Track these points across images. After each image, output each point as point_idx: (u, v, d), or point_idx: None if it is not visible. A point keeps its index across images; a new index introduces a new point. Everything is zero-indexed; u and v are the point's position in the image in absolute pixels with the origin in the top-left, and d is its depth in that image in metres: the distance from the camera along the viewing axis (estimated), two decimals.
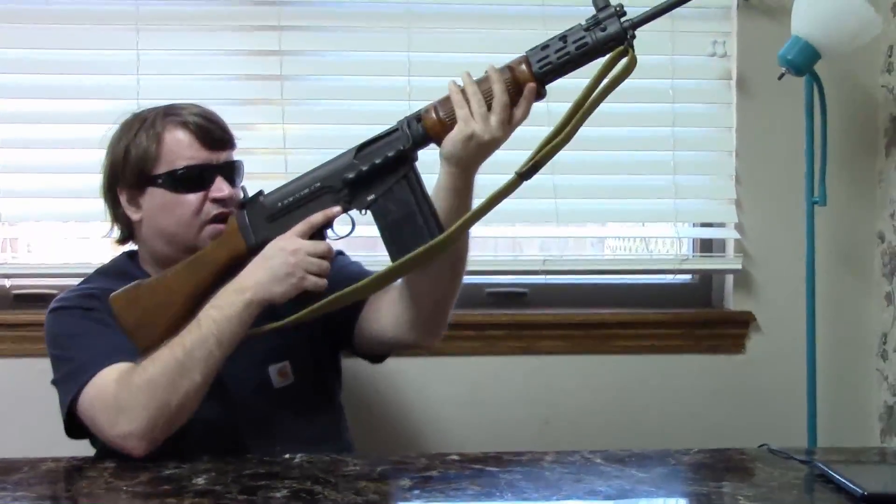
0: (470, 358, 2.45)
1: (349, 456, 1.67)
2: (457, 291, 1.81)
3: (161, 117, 1.81)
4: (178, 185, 1.77)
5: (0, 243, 2.43)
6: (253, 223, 1.71)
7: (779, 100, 2.45)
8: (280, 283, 1.64)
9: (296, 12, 2.44)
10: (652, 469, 1.59)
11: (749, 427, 2.44)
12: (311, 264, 1.64)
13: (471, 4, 2.48)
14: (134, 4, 2.38)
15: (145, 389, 1.60)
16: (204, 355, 1.62)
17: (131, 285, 1.72)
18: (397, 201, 1.66)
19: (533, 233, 2.60)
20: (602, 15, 1.57)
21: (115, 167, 1.84)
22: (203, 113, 1.83)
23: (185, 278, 1.71)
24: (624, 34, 1.57)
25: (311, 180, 1.69)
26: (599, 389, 2.50)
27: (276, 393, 1.82)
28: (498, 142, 1.61)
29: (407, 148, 1.65)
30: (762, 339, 2.53)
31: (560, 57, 1.59)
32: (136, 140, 1.80)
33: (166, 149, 1.78)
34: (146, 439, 1.60)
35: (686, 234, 2.62)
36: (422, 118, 1.65)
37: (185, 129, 1.79)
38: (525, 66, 1.60)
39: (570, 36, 1.59)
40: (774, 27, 2.43)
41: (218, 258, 1.72)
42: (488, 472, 1.57)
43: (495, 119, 1.59)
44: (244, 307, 1.64)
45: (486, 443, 2.27)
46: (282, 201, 1.70)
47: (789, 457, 1.64)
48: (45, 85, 2.41)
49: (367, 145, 1.67)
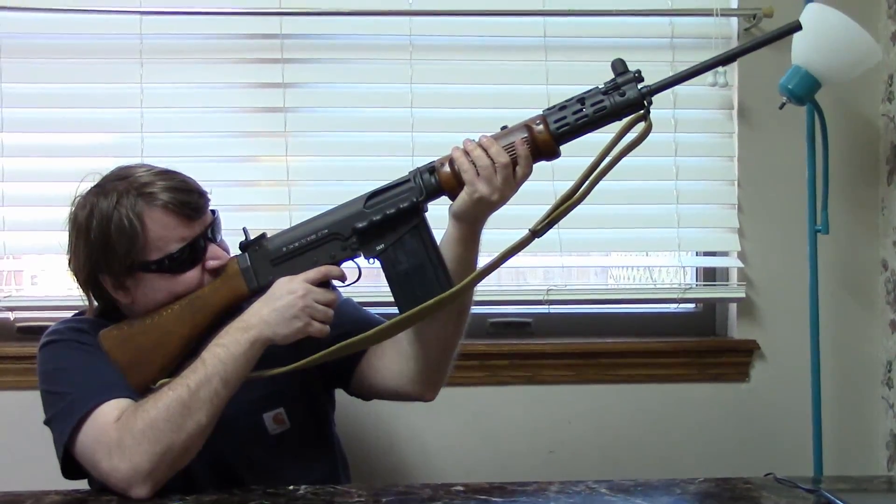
0: (474, 388, 2.44)
1: (353, 487, 1.66)
2: (458, 343, 1.81)
3: (134, 198, 1.70)
4: (176, 267, 1.71)
5: (4, 276, 2.43)
6: (255, 266, 1.71)
7: (780, 129, 2.46)
8: (286, 325, 1.63)
9: (299, 45, 2.46)
10: (657, 499, 1.59)
11: (754, 456, 2.44)
12: (318, 311, 1.64)
13: (473, 36, 2.49)
14: (138, 38, 2.39)
15: (149, 432, 1.56)
16: (209, 395, 1.59)
17: (123, 323, 1.70)
18: (407, 252, 1.67)
19: (536, 262, 2.59)
20: (621, 80, 1.60)
21: (93, 255, 1.73)
22: (174, 185, 1.73)
23: (183, 319, 1.69)
24: (642, 100, 1.59)
25: (319, 226, 1.69)
26: (604, 419, 2.50)
27: (273, 439, 1.80)
28: (505, 199, 1.64)
29: (420, 200, 1.66)
30: (766, 367, 2.53)
31: (578, 119, 1.61)
32: (114, 227, 1.70)
33: (153, 235, 1.69)
34: (150, 483, 1.57)
35: (689, 262, 2.62)
36: (436, 171, 1.65)
37: (166, 210, 1.70)
38: (543, 126, 1.62)
39: (588, 98, 1.61)
40: (775, 57, 2.43)
41: (217, 301, 1.71)
42: (493, 502, 1.57)
43: (500, 180, 1.61)
44: (249, 346, 1.62)
45: (490, 473, 2.27)
46: (286, 245, 1.70)
47: (795, 486, 1.64)
48: (50, 118, 2.42)
49: (378, 194, 1.68)
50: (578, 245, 2.53)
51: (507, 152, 1.61)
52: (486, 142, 1.63)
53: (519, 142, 1.61)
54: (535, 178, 1.67)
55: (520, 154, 1.61)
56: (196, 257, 1.73)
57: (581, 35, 2.51)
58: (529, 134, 1.62)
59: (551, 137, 1.61)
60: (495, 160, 1.61)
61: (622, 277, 2.97)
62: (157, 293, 1.73)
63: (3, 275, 2.43)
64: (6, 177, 2.39)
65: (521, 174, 1.63)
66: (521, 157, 1.62)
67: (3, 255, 2.41)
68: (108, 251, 1.70)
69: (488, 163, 1.61)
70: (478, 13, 2.47)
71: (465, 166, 1.62)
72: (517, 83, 2.49)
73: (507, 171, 1.61)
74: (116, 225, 1.70)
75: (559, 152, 1.64)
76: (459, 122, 2.45)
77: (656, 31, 2.52)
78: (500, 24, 2.49)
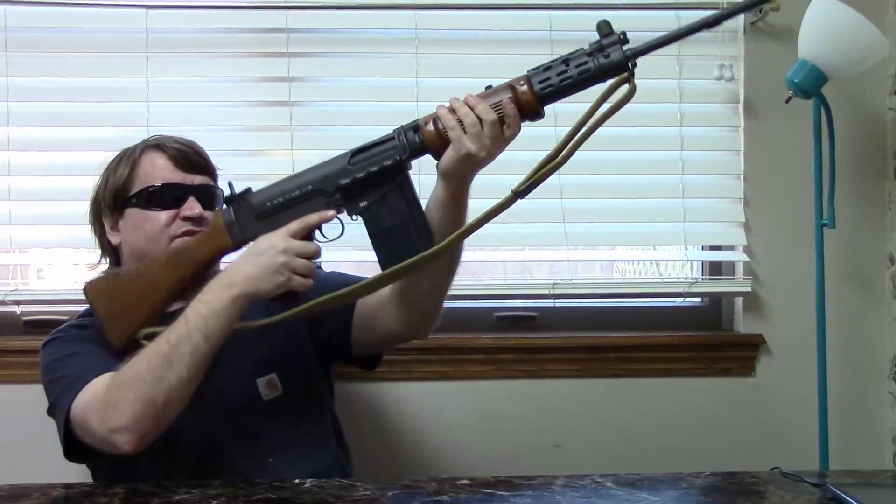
0: (480, 382, 2.45)
1: (359, 481, 1.66)
2: (451, 283, 1.84)
3: (141, 145, 1.90)
4: (151, 202, 1.82)
5: (10, 270, 2.44)
6: (240, 220, 1.72)
7: (786, 123, 2.45)
8: (268, 279, 1.64)
9: (304, 38, 2.45)
10: (663, 493, 1.59)
11: (760, 450, 2.44)
12: (300, 264, 1.65)
13: (479, 29, 2.49)
14: (143, 32, 2.40)
15: (132, 384, 1.60)
16: (190, 349, 1.61)
17: (110, 273, 1.76)
18: (390, 209, 1.67)
19: (542, 257, 2.60)
20: (606, 41, 1.60)
21: (97, 196, 1.91)
22: (182, 140, 1.90)
23: (169, 272, 1.73)
24: (626, 62, 1.59)
25: (303, 182, 1.70)
26: (610, 413, 2.50)
27: (266, 405, 1.84)
28: (492, 157, 1.64)
29: (403, 158, 1.66)
30: (772, 361, 2.53)
31: (562, 80, 1.61)
32: (117, 168, 1.88)
33: (142, 171, 1.85)
34: (134, 434, 1.59)
35: (695, 257, 2.62)
36: (420, 129, 1.66)
37: (161, 152, 1.86)
38: (527, 86, 1.62)
39: (573, 60, 1.61)
40: (781, 51, 2.44)
41: (202, 254, 1.74)
42: (499, 496, 1.57)
43: (488, 137, 1.61)
44: (231, 301, 1.63)
45: (496, 467, 2.27)
46: (271, 201, 1.71)
47: (801, 480, 1.64)
48: (56, 112, 2.42)
49: (362, 151, 1.69)
50: (584, 239, 2.53)
51: (495, 111, 1.61)
52: (472, 100, 1.64)
53: (506, 101, 1.61)
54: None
55: (507, 112, 1.62)
56: (173, 200, 1.82)
57: (587, 29, 2.47)
58: (513, 94, 1.62)
59: (535, 98, 1.62)
60: (482, 118, 1.61)
61: (628, 271, 2.98)
62: (133, 231, 1.83)
63: (10, 268, 2.44)
64: (13, 171, 2.39)
65: (510, 133, 1.63)
66: (510, 116, 1.62)
67: (10, 248, 2.42)
68: (107, 185, 1.88)
69: (475, 119, 1.61)
70: (483, 7, 2.47)
71: (452, 123, 1.63)
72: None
73: (496, 129, 1.61)
74: (119, 161, 1.89)
75: (543, 113, 1.64)
76: None
77: (662, 24, 2.51)
78: (506, 18, 2.49)
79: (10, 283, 2.42)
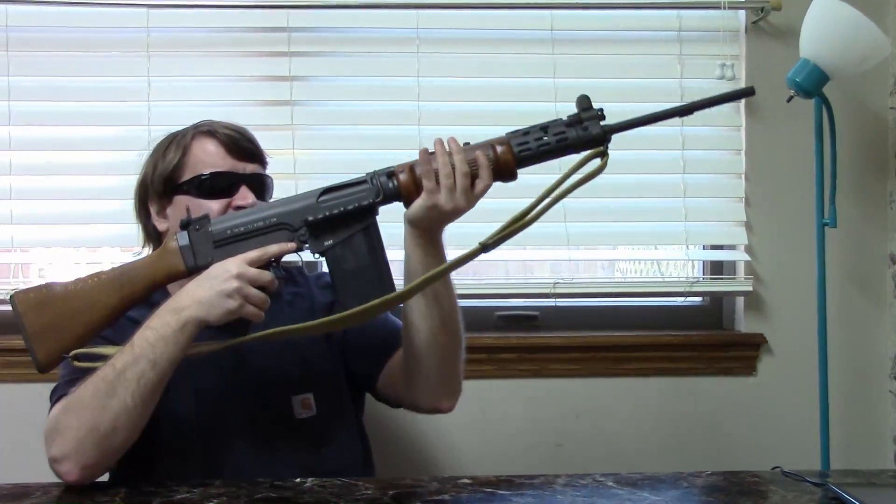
0: (481, 381, 2.44)
1: (361, 480, 1.66)
2: (459, 349, 1.79)
3: (191, 130, 1.85)
4: (202, 190, 1.78)
5: (12, 269, 2.44)
6: (195, 246, 1.65)
7: (788, 122, 2.45)
8: (218, 304, 1.57)
9: (306, 38, 2.46)
10: (664, 492, 1.58)
11: (761, 449, 2.44)
12: (253, 293, 1.58)
13: (480, 29, 2.49)
14: (145, 31, 2.40)
15: (76, 410, 1.57)
16: (136, 376, 1.55)
17: (42, 285, 1.64)
18: (354, 251, 1.65)
19: (544, 256, 2.60)
20: (585, 115, 1.62)
21: (145, 181, 1.86)
22: (233, 126, 1.86)
23: (110, 290, 1.63)
24: (603, 136, 1.62)
25: (268, 215, 1.65)
26: (611, 412, 2.50)
27: (296, 423, 1.80)
28: (460, 212, 1.62)
29: (375, 201, 1.64)
30: (774, 360, 2.53)
31: (540, 146, 1.62)
32: (166, 153, 1.83)
33: (193, 158, 1.81)
34: (76, 463, 1.56)
35: (696, 256, 2.62)
36: (395, 175, 1.64)
37: (213, 139, 1.82)
38: (506, 147, 1.62)
39: (552, 128, 1.63)
40: (783, 50, 2.44)
41: (149, 274, 1.65)
42: (500, 495, 1.57)
43: (459, 190, 1.60)
44: (180, 327, 1.57)
45: (497, 466, 2.26)
46: (232, 229, 1.65)
47: (802, 479, 1.63)
48: (57, 111, 2.42)
49: (332, 190, 1.65)
50: (586, 238, 2.53)
51: (469, 165, 1.61)
52: (453, 146, 1.62)
53: (481, 155, 1.61)
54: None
55: (481, 165, 1.60)
56: (225, 189, 1.78)
57: (588, 28, 2.51)
58: (493, 152, 1.62)
59: (513, 159, 1.62)
60: (456, 167, 1.60)
61: (629, 271, 2.97)
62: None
63: (11, 267, 2.44)
64: (14, 170, 2.39)
65: (481, 188, 1.62)
66: (483, 169, 1.60)
67: (11, 247, 2.42)
68: (156, 170, 1.83)
69: (450, 171, 1.60)
70: (485, 6, 2.48)
71: (428, 174, 1.60)
72: (524, 76, 2.49)
73: (466, 182, 1.60)
74: (168, 146, 1.84)
75: (517, 175, 1.64)
76: (466, 115, 2.46)
77: (664, 23, 2.52)
78: (507, 17, 2.49)
79: (12, 283, 2.42)
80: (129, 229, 2.40)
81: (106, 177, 2.44)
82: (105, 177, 2.44)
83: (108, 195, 2.43)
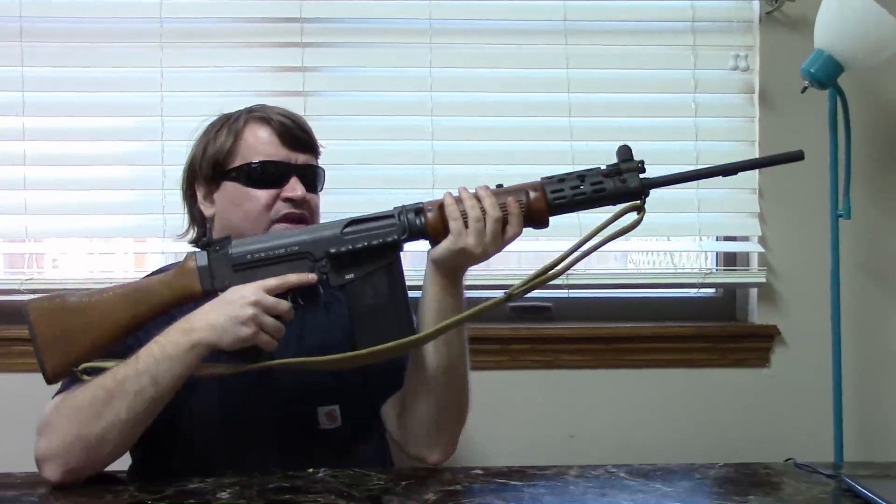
0: (494, 372, 2.44)
1: (373, 470, 1.66)
2: (460, 398, 1.75)
3: (244, 114, 1.82)
4: (251, 179, 1.75)
5: (26, 259, 2.45)
6: (214, 267, 1.61)
7: (802, 113, 2.44)
8: (231, 331, 1.53)
9: (318, 29, 2.46)
10: (677, 483, 1.58)
11: (774, 441, 2.43)
12: (269, 322, 1.55)
13: (493, 20, 2.49)
14: (158, 22, 2.41)
15: (68, 414, 1.55)
16: (135, 389, 1.52)
17: (56, 295, 1.61)
18: (375, 288, 1.61)
19: (556, 247, 2.58)
20: (624, 166, 1.58)
21: (193, 162, 1.83)
22: (288, 114, 1.82)
23: (123, 307, 1.60)
24: (642, 190, 1.58)
25: (290, 242, 1.61)
26: (623, 403, 2.50)
27: (320, 433, 1.76)
28: (488, 256, 1.59)
29: (401, 238, 1.60)
30: (787, 352, 2.52)
31: (575, 195, 1.59)
32: (217, 136, 1.80)
33: (244, 144, 1.78)
34: (60, 465, 1.54)
35: (710, 247, 2.61)
36: (423, 212, 1.60)
37: (267, 126, 1.79)
38: (540, 194, 1.59)
39: (589, 177, 1.59)
40: (797, 41, 2.43)
41: (164, 292, 1.61)
42: (512, 486, 1.57)
43: (488, 235, 1.57)
44: (189, 348, 1.53)
45: (510, 457, 2.26)
46: (252, 254, 1.61)
47: (815, 471, 1.63)
48: (71, 102, 2.43)
49: (358, 222, 1.62)
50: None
51: (501, 209, 1.58)
52: (482, 193, 1.59)
53: (513, 201, 1.58)
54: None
55: (512, 212, 1.57)
56: (275, 180, 1.75)
57: (601, 18, 2.51)
58: (526, 198, 1.59)
59: (546, 206, 1.59)
60: (488, 212, 1.57)
61: (642, 262, 2.96)
62: (230, 207, 1.77)
63: (25, 258, 2.45)
64: (28, 160, 2.40)
65: (511, 234, 1.58)
66: (513, 216, 1.57)
67: (25, 238, 2.43)
68: (205, 152, 1.80)
69: (479, 214, 1.56)
70: None
71: (455, 214, 1.57)
72: (537, 67, 2.49)
73: (497, 227, 1.57)
74: (220, 129, 1.81)
75: (548, 223, 1.61)
76: (479, 105, 2.46)
77: (677, 14, 2.51)
78: (520, 8, 2.49)
79: (26, 273, 2.43)
80: (142, 220, 2.44)
81: (119, 167, 2.45)
82: (118, 167, 2.45)
83: (121, 185, 2.44)
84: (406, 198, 1.65)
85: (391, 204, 1.64)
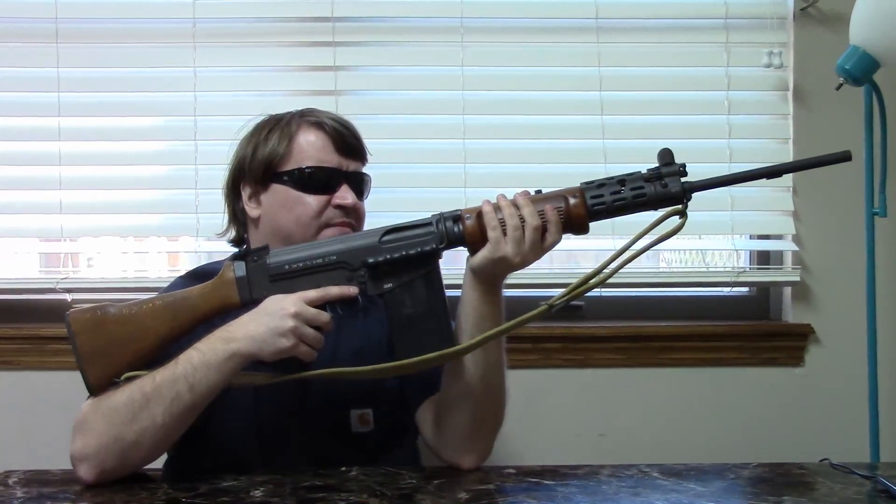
0: (526, 371, 2.44)
1: (405, 469, 1.66)
2: (496, 407, 1.72)
3: (297, 118, 1.82)
4: (304, 184, 1.75)
5: (62, 258, 2.47)
6: (251, 278, 1.61)
7: (837, 110, 2.42)
8: (271, 342, 1.53)
9: (350, 28, 2.47)
10: (710, 483, 1.57)
11: (809, 441, 2.42)
12: (309, 333, 1.55)
13: (524, 18, 2.48)
14: (191, 22, 2.42)
15: (105, 415, 1.55)
16: (172, 395, 1.53)
17: (97, 307, 1.61)
18: (414, 297, 1.59)
19: (588, 245, 2.58)
20: (665, 170, 1.56)
21: (241, 162, 1.82)
22: (340, 119, 1.83)
23: (163, 318, 1.60)
24: (683, 195, 1.57)
25: (328, 252, 1.60)
26: (656, 402, 2.49)
27: (352, 436, 1.76)
28: (527, 263, 1.58)
29: (440, 247, 1.59)
30: (822, 351, 2.50)
31: (615, 200, 1.57)
32: (268, 138, 1.80)
33: (297, 147, 1.78)
34: (95, 466, 1.54)
35: (743, 246, 2.60)
36: (461, 220, 1.59)
37: (320, 131, 1.79)
38: (580, 200, 1.57)
39: (629, 182, 1.57)
40: (832, 37, 2.41)
41: (203, 304, 1.61)
42: (545, 485, 1.57)
43: (527, 243, 1.56)
44: (227, 357, 1.54)
45: (542, 456, 2.26)
46: (290, 264, 1.60)
47: (851, 472, 1.62)
48: (105, 102, 2.45)
49: (395, 231, 1.60)
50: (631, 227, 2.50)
51: (540, 217, 1.56)
52: (521, 200, 1.57)
53: (551, 209, 1.56)
54: None
55: (551, 220, 1.55)
56: (327, 185, 1.76)
57: (633, 16, 2.50)
58: (565, 204, 1.57)
59: (586, 213, 1.57)
60: (527, 220, 1.55)
61: (674, 261, 2.95)
62: (280, 210, 1.76)
63: (61, 257, 2.47)
64: (63, 160, 2.42)
65: (550, 241, 1.57)
66: (552, 224, 1.56)
67: (61, 237, 2.45)
68: (254, 158, 1.80)
69: (518, 223, 1.55)
70: None
71: (494, 223, 1.55)
72: (569, 65, 2.48)
73: (536, 236, 1.55)
74: (272, 130, 1.80)
75: (588, 229, 1.59)
76: (510, 103, 2.46)
77: (710, 10, 2.50)
78: (552, 6, 2.49)
79: (62, 272, 2.45)
80: (175, 219, 2.45)
81: (153, 166, 2.47)
82: (153, 166, 2.47)
83: (155, 185, 2.46)
84: (437, 196, 1.64)
85: (421, 202, 1.64)
